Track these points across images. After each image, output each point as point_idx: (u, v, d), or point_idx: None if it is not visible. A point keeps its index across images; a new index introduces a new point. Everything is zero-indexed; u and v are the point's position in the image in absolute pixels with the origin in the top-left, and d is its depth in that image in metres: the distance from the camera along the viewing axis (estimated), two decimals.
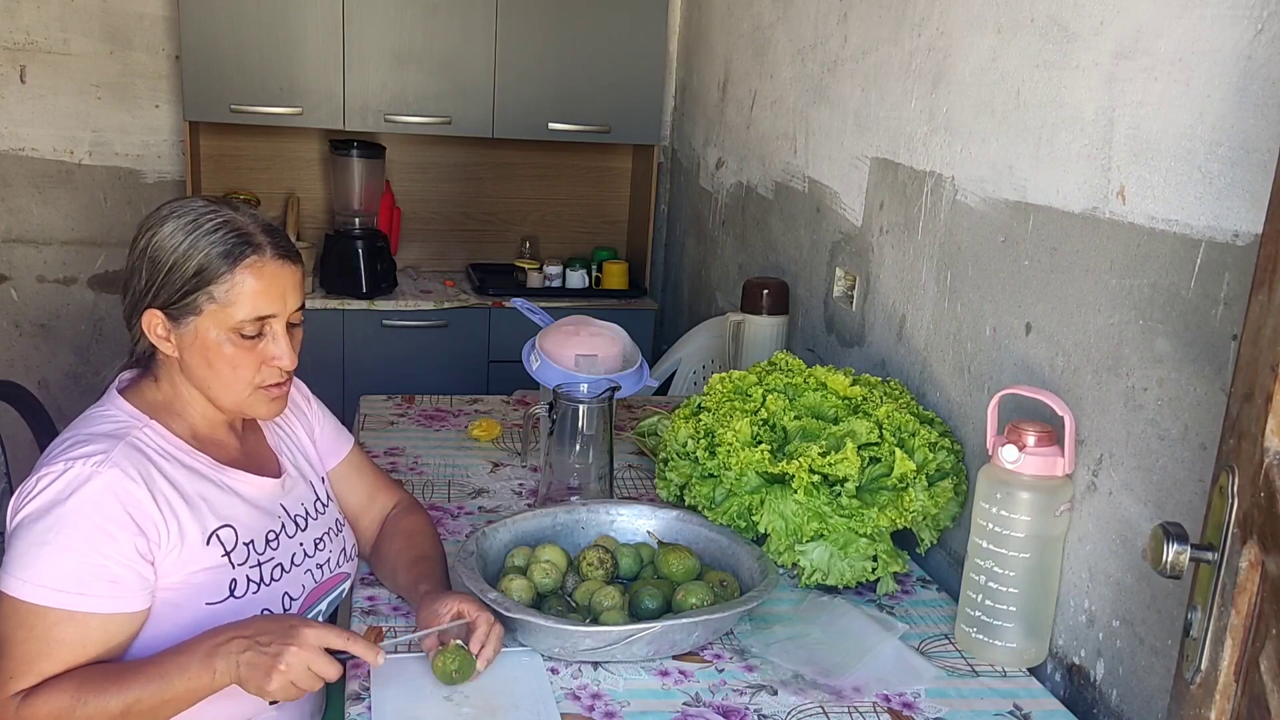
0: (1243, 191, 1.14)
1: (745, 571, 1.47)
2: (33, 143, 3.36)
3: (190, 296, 1.27)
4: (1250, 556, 0.87)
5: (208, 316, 1.28)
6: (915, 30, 1.90)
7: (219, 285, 1.27)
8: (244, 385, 1.32)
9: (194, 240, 1.27)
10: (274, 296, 1.30)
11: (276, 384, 1.35)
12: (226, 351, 1.29)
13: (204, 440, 1.36)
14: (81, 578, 1.19)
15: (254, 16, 3.15)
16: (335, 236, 3.35)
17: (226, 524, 1.31)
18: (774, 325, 2.28)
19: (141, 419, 1.31)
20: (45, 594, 1.19)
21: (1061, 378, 1.45)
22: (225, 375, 1.31)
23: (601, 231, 3.89)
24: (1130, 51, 1.32)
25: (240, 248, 1.28)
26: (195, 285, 1.27)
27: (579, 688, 1.29)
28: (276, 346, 1.32)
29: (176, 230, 1.28)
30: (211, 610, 1.28)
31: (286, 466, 1.45)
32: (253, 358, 1.31)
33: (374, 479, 1.61)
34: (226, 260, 1.27)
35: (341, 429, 1.61)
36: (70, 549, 1.19)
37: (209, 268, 1.27)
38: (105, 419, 1.31)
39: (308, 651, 1.17)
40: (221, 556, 1.29)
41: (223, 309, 1.28)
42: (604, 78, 3.41)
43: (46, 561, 1.19)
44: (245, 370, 1.31)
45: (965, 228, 1.71)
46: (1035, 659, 1.43)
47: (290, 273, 1.32)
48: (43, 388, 3.46)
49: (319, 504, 1.48)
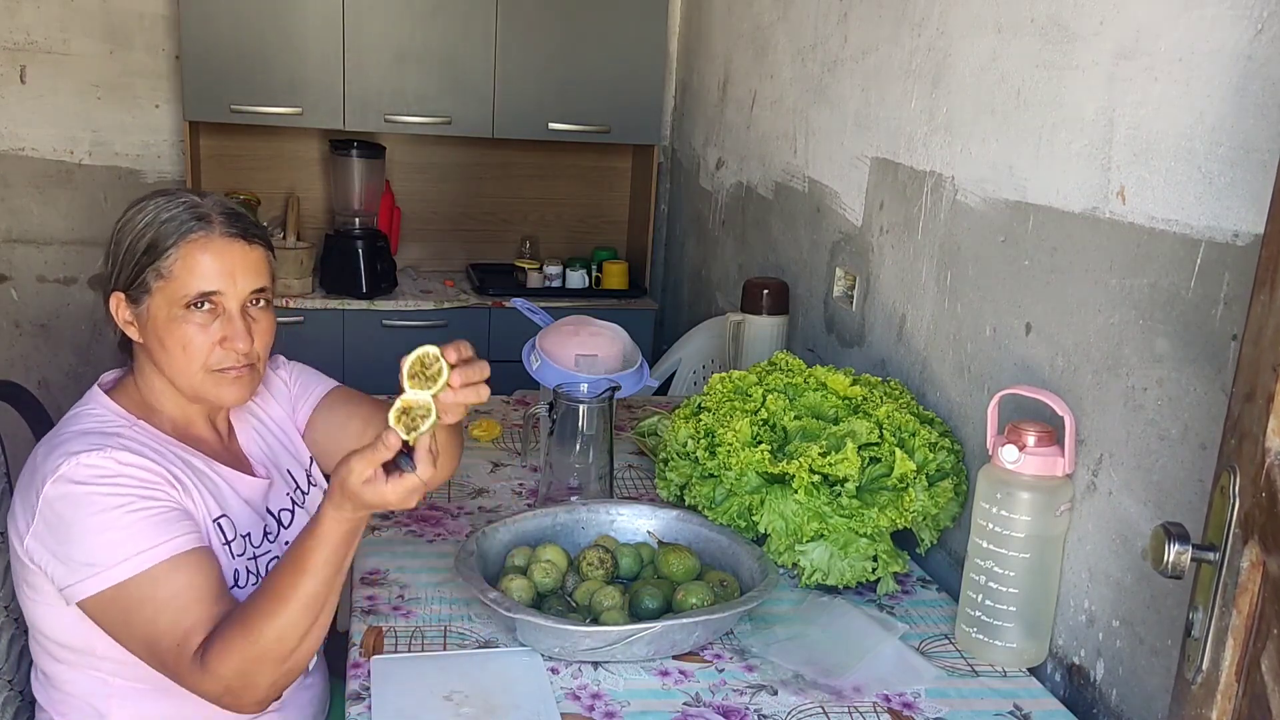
0: (1243, 191, 1.14)
1: (745, 571, 1.47)
2: (33, 143, 3.36)
3: (142, 274, 1.29)
4: (1252, 557, 0.87)
5: (157, 294, 1.29)
6: (915, 30, 1.90)
7: (164, 260, 1.28)
8: (196, 366, 1.31)
9: (151, 219, 1.29)
10: (219, 273, 1.29)
11: (233, 366, 1.33)
12: (178, 332, 1.29)
13: (190, 437, 1.36)
14: (155, 529, 1.19)
15: (254, 16, 3.15)
16: (335, 236, 3.35)
17: (225, 514, 1.31)
18: (774, 325, 2.28)
19: (129, 419, 1.31)
20: (135, 564, 1.17)
21: (1061, 378, 1.45)
22: (176, 356, 1.30)
23: (601, 231, 3.89)
24: (1130, 51, 1.32)
25: (190, 224, 1.29)
26: (145, 262, 1.28)
27: (579, 688, 1.29)
28: (229, 327, 1.30)
29: (139, 213, 1.31)
30: None
31: (259, 471, 1.44)
32: (203, 337, 1.30)
33: (370, 404, 1.54)
34: (174, 235, 1.28)
35: (320, 375, 1.57)
36: (126, 513, 1.19)
37: (158, 244, 1.28)
38: (90, 418, 1.30)
39: (367, 466, 1.11)
40: (223, 545, 1.30)
41: (168, 284, 1.28)
42: (604, 78, 3.41)
43: (112, 540, 1.18)
44: (196, 351, 1.30)
45: (965, 228, 1.71)
46: (1035, 659, 1.43)
47: (241, 252, 1.31)
48: (43, 388, 3.46)
49: (299, 492, 1.47)
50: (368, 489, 1.11)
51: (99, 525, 1.19)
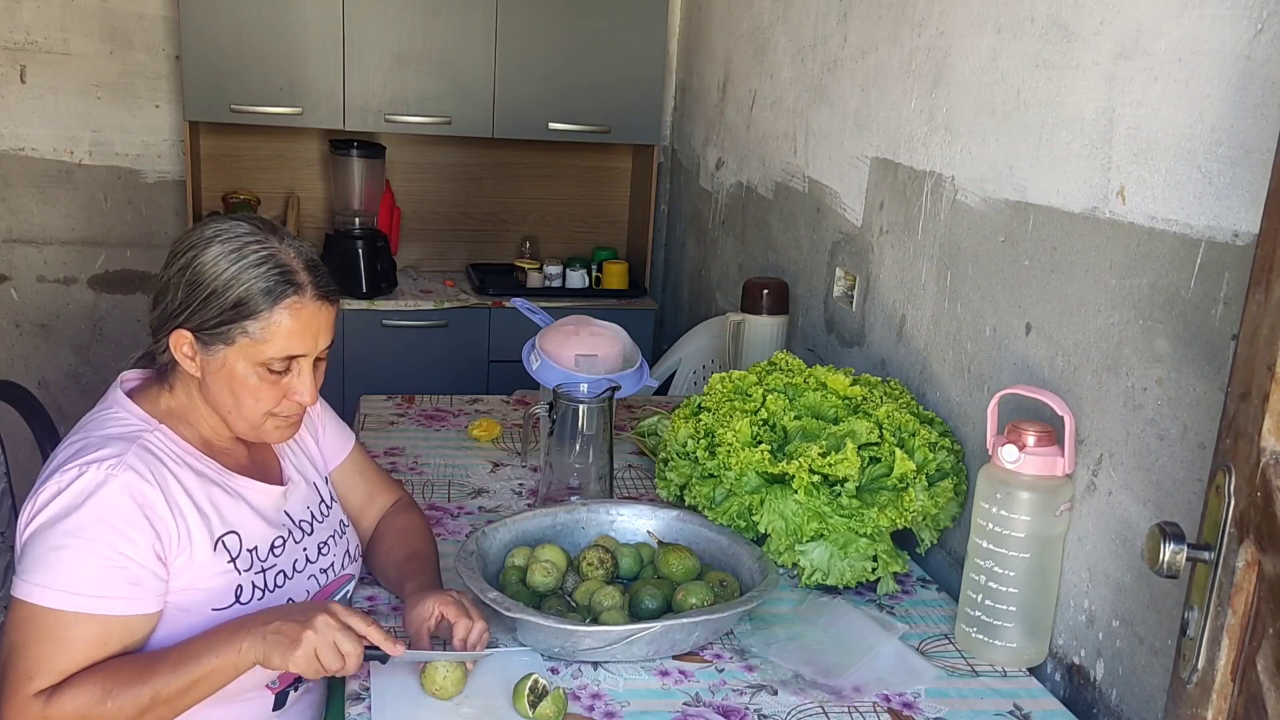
0: (1242, 191, 1.14)
1: (745, 571, 1.47)
2: (33, 143, 3.36)
3: (225, 327, 1.26)
4: (1247, 556, 0.87)
5: (239, 349, 1.27)
6: (915, 30, 1.90)
7: (255, 321, 1.26)
8: (261, 416, 1.32)
9: (238, 271, 1.25)
10: (307, 337, 1.30)
11: (294, 414, 1.36)
12: (251, 384, 1.29)
13: (213, 448, 1.36)
14: (101, 580, 1.19)
15: (254, 16, 3.15)
16: (335, 236, 3.36)
17: (232, 530, 1.31)
18: (774, 325, 2.29)
19: (151, 423, 1.31)
20: (65, 598, 1.18)
21: (1061, 378, 1.45)
22: (246, 405, 1.31)
23: (601, 231, 3.89)
24: (1130, 51, 1.32)
25: (283, 286, 1.26)
26: (232, 317, 1.26)
27: (579, 688, 1.29)
28: (300, 383, 1.32)
29: (221, 256, 1.26)
30: (218, 616, 1.28)
31: (290, 473, 1.45)
32: (275, 392, 1.31)
33: (374, 478, 1.61)
34: (268, 298, 1.26)
35: (344, 427, 1.61)
36: (90, 552, 1.19)
37: (249, 302, 1.25)
38: (115, 421, 1.30)
39: (337, 624, 1.19)
40: (228, 563, 1.30)
41: (255, 344, 1.27)
42: (604, 78, 3.41)
43: (65, 566, 1.18)
44: (265, 403, 1.31)
45: (965, 228, 1.71)
46: (1035, 659, 1.43)
47: (327, 314, 1.32)
48: (43, 388, 3.47)
49: (323, 506, 1.48)
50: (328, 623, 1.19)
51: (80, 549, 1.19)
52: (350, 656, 1.19)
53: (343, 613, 1.21)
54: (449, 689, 1.24)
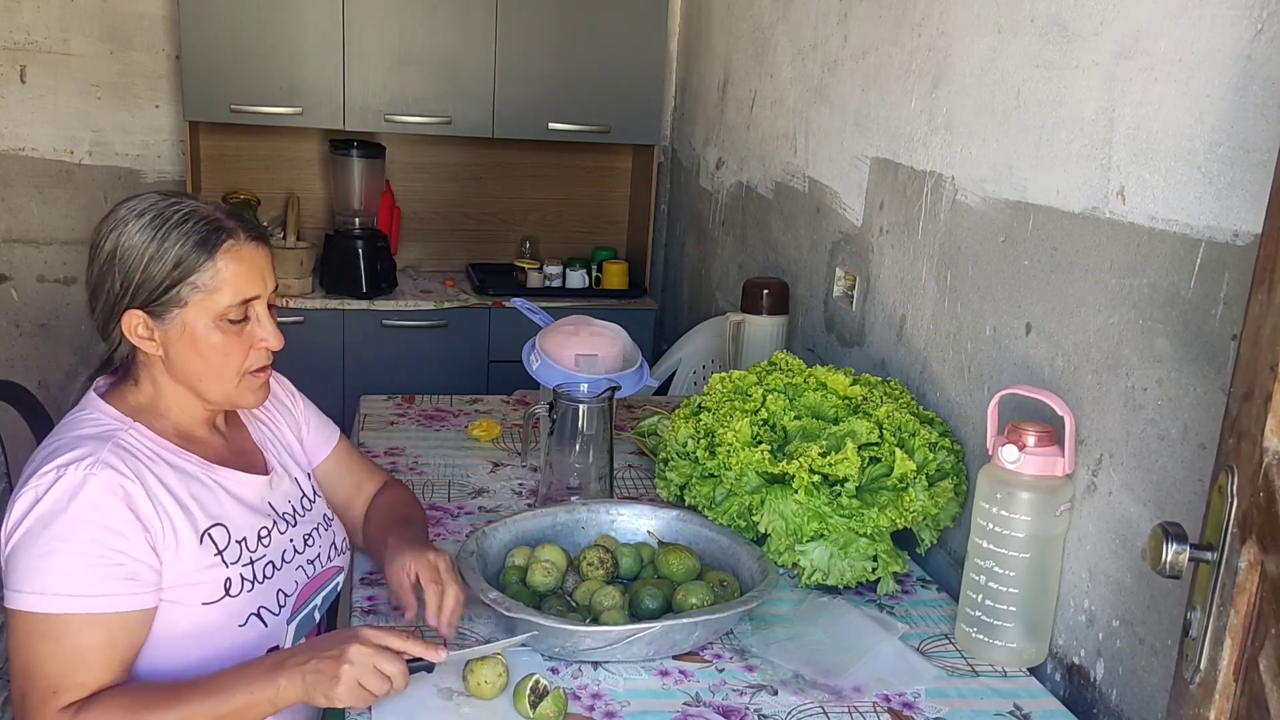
0: (1243, 191, 1.14)
1: (745, 571, 1.47)
2: (33, 143, 3.36)
3: (172, 290, 1.27)
4: (1249, 556, 0.87)
5: (193, 307, 1.28)
6: (915, 30, 1.90)
7: (202, 273, 1.27)
8: (233, 373, 1.33)
9: (164, 234, 1.27)
10: (254, 277, 1.31)
11: (261, 368, 1.36)
12: (215, 340, 1.30)
13: (189, 439, 1.35)
14: (98, 579, 1.18)
15: (254, 16, 3.15)
16: (335, 236, 3.36)
17: (218, 522, 1.31)
18: (774, 325, 2.28)
19: (125, 421, 1.31)
20: (65, 602, 1.17)
21: (1061, 378, 1.45)
22: (216, 364, 1.31)
23: (601, 231, 3.89)
24: (1130, 51, 1.32)
25: (215, 234, 1.28)
26: (177, 278, 1.27)
27: (579, 688, 1.29)
28: (262, 328, 1.34)
29: (144, 227, 1.28)
30: (207, 609, 1.28)
31: (272, 464, 1.45)
32: (241, 342, 1.32)
33: (361, 468, 1.63)
34: (204, 248, 1.27)
35: (327, 422, 1.62)
36: (81, 553, 1.18)
37: (187, 258, 1.27)
38: (88, 422, 1.30)
39: (370, 648, 1.16)
40: (214, 555, 1.29)
41: (208, 296, 1.28)
42: (604, 78, 3.41)
43: (59, 570, 1.17)
44: (235, 356, 1.32)
45: (965, 228, 1.71)
46: (1035, 659, 1.43)
47: (264, 253, 1.34)
48: (43, 388, 3.46)
49: (305, 500, 1.48)
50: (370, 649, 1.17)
51: (71, 551, 1.18)
52: (396, 676, 1.17)
53: (375, 635, 1.18)
54: (488, 691, 1.23)
